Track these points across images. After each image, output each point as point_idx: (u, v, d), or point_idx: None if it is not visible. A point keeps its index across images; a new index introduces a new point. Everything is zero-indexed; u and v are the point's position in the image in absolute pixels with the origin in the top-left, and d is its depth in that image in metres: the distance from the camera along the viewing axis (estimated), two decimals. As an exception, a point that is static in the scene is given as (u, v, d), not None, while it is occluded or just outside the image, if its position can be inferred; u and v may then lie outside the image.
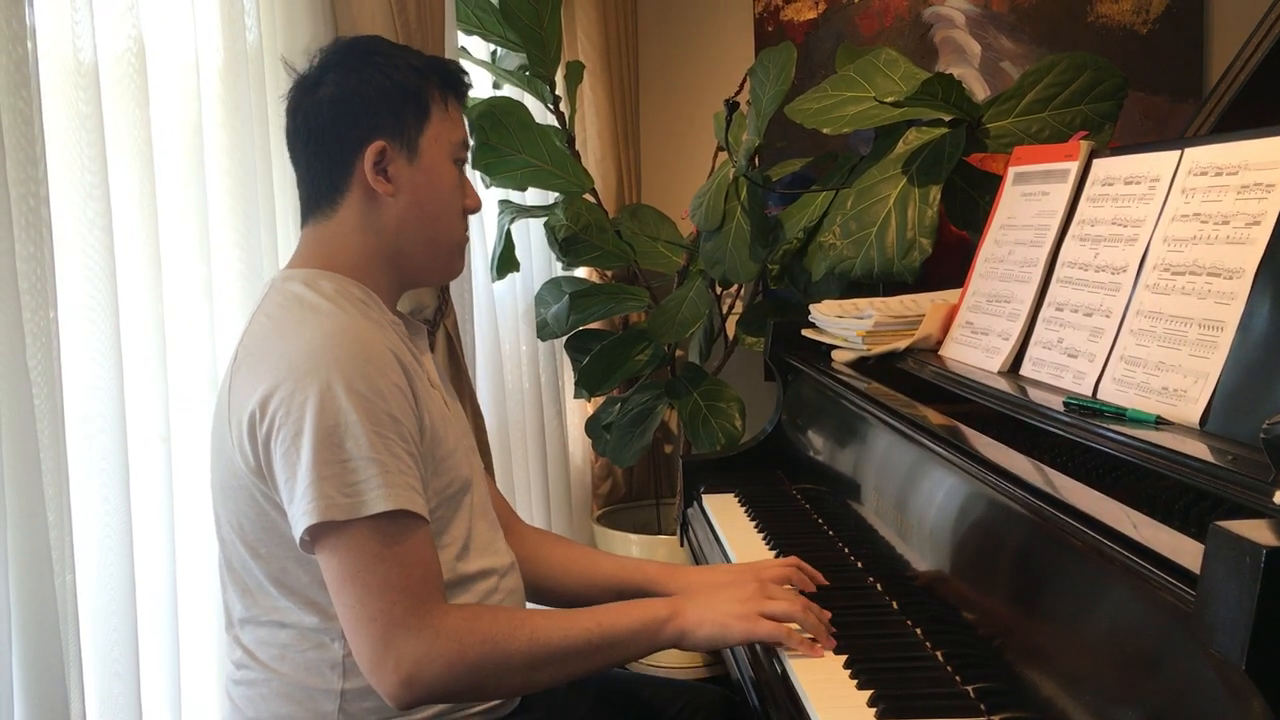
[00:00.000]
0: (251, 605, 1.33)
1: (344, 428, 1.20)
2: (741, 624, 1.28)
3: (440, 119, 1.39)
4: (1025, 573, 1.12)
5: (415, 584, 1.20)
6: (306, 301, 1.32)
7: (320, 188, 1.39)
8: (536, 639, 1.23)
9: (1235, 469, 0.95)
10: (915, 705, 1.13)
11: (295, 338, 1.28)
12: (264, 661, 1.32)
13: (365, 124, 1.35)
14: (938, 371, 1.59)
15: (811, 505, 1.89)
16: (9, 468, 1.50)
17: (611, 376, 2.82)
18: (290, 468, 1.21)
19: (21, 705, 1.52)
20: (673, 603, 1.31)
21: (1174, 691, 0.84)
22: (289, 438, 1.21)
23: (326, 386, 1.21)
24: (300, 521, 1.20)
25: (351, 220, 1.38)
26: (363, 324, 1.30)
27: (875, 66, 2.27)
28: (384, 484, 1.20)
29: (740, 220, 2.45)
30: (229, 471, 1.30)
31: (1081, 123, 2.10)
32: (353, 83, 1.36)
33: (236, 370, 1.32)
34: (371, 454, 1.20)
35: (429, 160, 1.38)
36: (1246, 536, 0.71)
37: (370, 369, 1.24)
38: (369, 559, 1.19)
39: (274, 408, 1.22)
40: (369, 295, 1.37)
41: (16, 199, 1.52)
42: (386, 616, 1.18)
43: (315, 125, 1.37)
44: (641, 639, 1.28)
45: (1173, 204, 1.29)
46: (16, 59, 1.52)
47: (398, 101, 1.36)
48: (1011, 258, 1.60)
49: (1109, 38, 2.89)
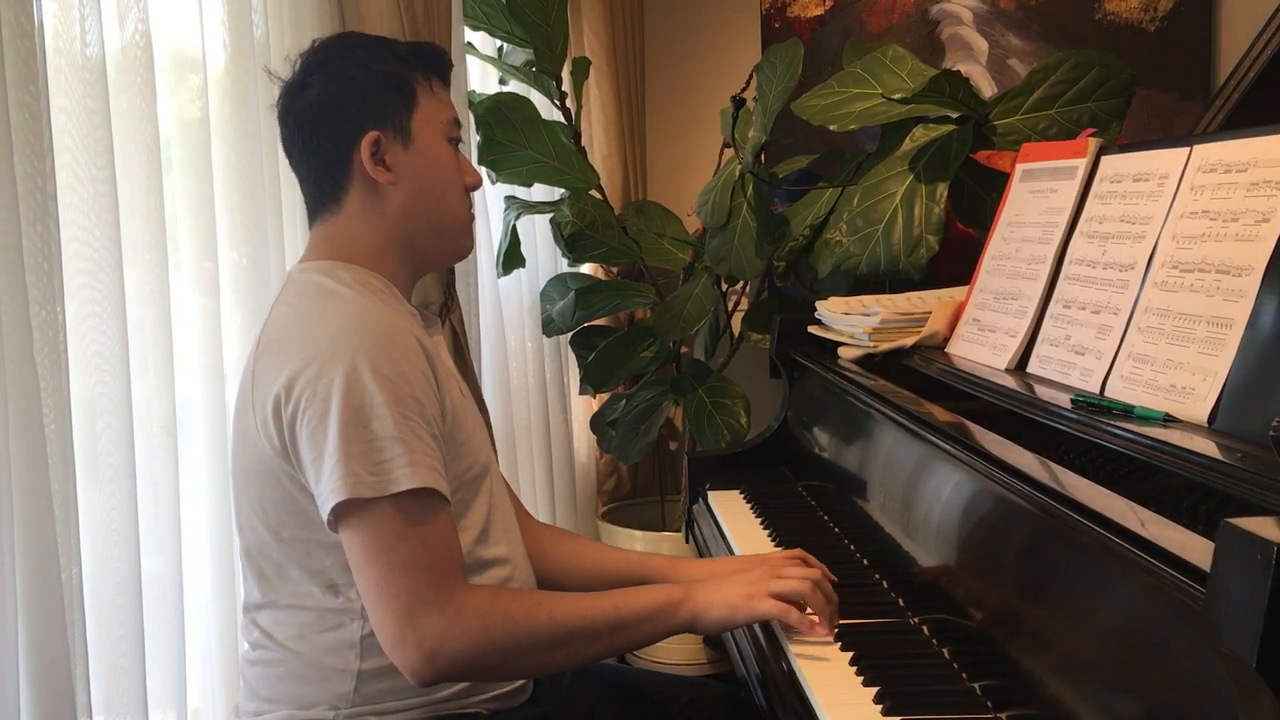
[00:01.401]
0: (269, 591, 1.34)
1: (369, 408, 1.21)
2: (747, 603, 1.30)
3: (428, 101, 1.40)
4: (1032, 570, 1.12)
5: (438, 561, 1.22)
6: (327, 289, 1.34)
7: (323, 186, 1.40)
8: (555, 619, 1.25)
9: (1244, 466, 0.95)
10: (922, 702, 1.13)
11: (319, 322, 1.30)
12: (281, 641, 1.33)
13: (356, 117, 1.37)
14: (944, 368, 1.59)
15: (817, 502, 1.89)
16: (16, 462, 1.50)
17: (616, 373, 2.81)
18: (317, 447, 1.22)
19: (28, 698, 1.52)
20: (685, 586, 1.33)
21: (1182, 689, 0.83)
22: (315, 418, 1.22)
23: (352, 367, 1.22)
24: (328, 499, 1.21)
25: (358, 213, 1.39)
26: (385, 309, 1.32)
27: (882, 63, 2.27)
28: (409, 462, 1.21)
29: (746, 217, 2.45)
30: (253, 457, 1.31)
31: (1089, 120, 2.09)
32: (337, 80, 1.37)
33: (259, 357, 1.33)
34: (397, 433, 1.21)
35: (423, 143, 1.39)
36: (1257, 533, 0.71)
37: (395, 352, 1.25)
38: (393, 536, 1.21)
39: (299, 389, 1.24)
40: (387, 286, 1.39)
41: (24, 194, 1.52)
42: (410, 594, 1.20)
43: (308, 127, 1.39)
44: (656, 621, 1.29)
45: (1181, 201, 1.29)
46: (24, 53, 1.52)
47: (384, 90, 1.38)
48: (1019, 255, 1.60)
49: (1117, 35, 2.89)
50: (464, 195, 1.45)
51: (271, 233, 2.05)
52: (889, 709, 1.12)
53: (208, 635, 1.95)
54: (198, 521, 1.93)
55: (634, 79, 3.29)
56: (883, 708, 1.13)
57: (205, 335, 1.95)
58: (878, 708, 1.13)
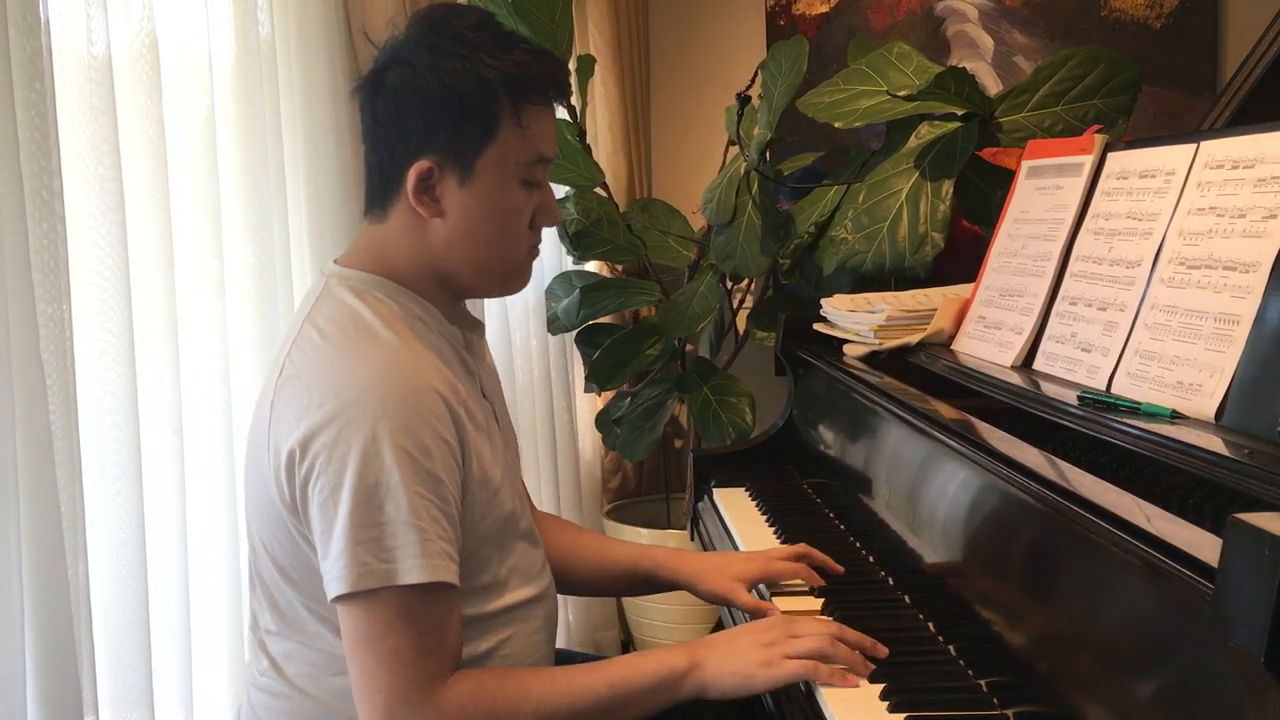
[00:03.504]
0: (280, 621, 1.28)
1: (385, 487, 1.15)
2: (766, 671, 1.20)
3: (509, 136, 1.26)
4: (1039, 567, 1.11)
5: (425, 657, 1.16)
6: (362, 322, 1.25)
7: (374, 188, 1.31)
8: (542, 708, 1.18)
9: (1251, 462, 0.95)
10: (928, 699, 1.13)
11: (347, 372, 1.20)
12: (290, 678, 1.28)
13: (416, 137, 1.25)
14: (950, 366, 1.59)
15: (823, 499, 1.89)
16: (22, 459, 1.50)
17: (622, 371, 2.81)
18: (326, 521, 1.16)
19: (34, 696, 1.52)
20: (691, 652, 1.23)
21: (1190, 685, 0.83)
22: (327, 489, 1.16)
23: (371, 439, 1.15)
24: (333, 586, 1.16)
25: (399, 232, 1.29)
26: (417, 363, 1.23)
27: (888, 60, 2.26)
28: (420, 553, 1.15)
29: (751, 214, 2.45)
30: (264, 496, 1.24)
31: (1095, 117, 2.09)
32: (411, 86, 1.24)
33: (281, 389, 1.23)
34: (412, 518, 1.15)
35: (485, 185, 1.26)
36: (1265, 529, 0.71)
37: (418, 421, 1.17)
38: (383, 627, 1.15)
39: (315, 450, 1.17)
40: (427, 310, 1.30)
41: (30, 192, 1.52)
42: (391, 690, 1.14)
43: (374, 119, 1.28)
44: (658, 696, 1.21)
45: (1188, 197, 1.29)
46: (30, 52, 1.52)
47: (457, 116, 1.24)
48: (1025, 252, 1.60)
49: (1123, 32, 2.88)
50: (522, 239, 1.32)
51: (278, 231, 2.05)
52: (895, 705, 1.12)
53: (215, 632, 1.96)
54: (205, 519, 1.93)
55: (639, 76, 3.29)
56: (889, 704, 1.12)
57: (212, 333, 1.95)
58: (884, 704, 1.13)
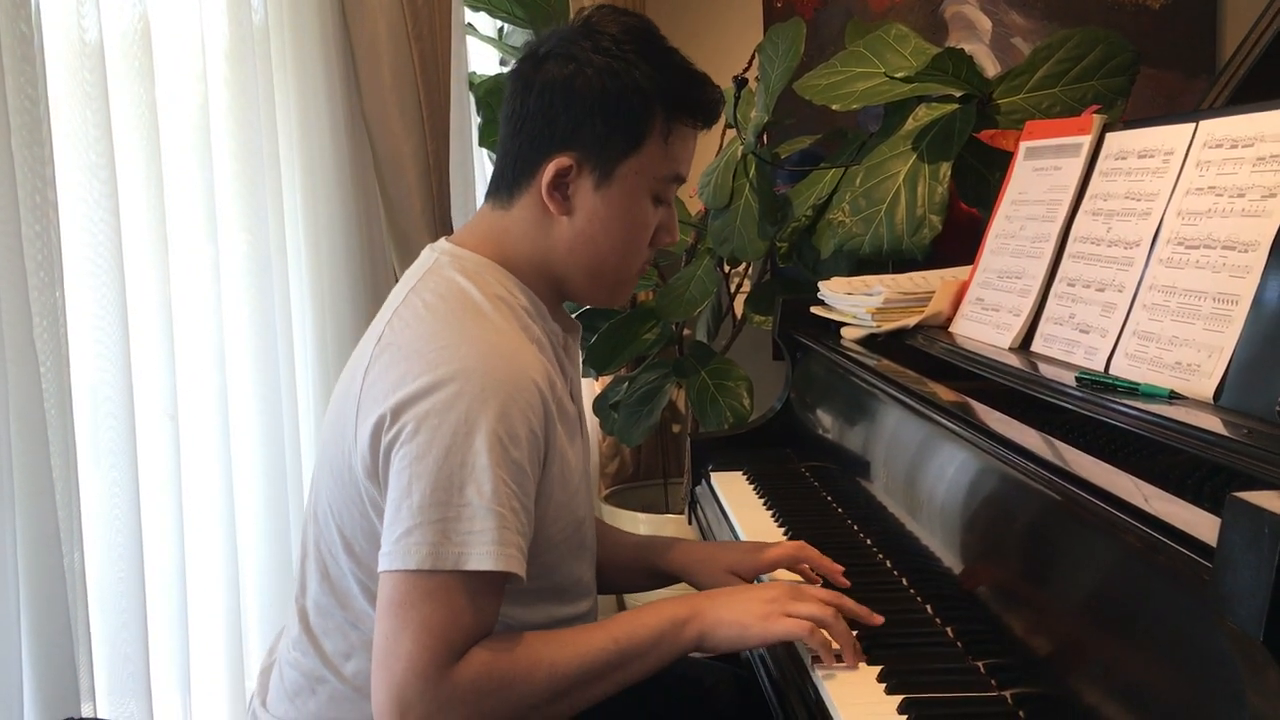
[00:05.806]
0: (329, 594, 1.27)
1: (470, 469, 1.13)
2: (761, 624, 1.20)
3: (654, 149, 1.26)
4: (1037, 548, 1.11)
5: (454, 634, 1.13)
6: (469, 300, 1.23)
7: (506, 173, 1.30)
8: (556, 671, 1.17)
9: (1250, 442, 0.94)
10: (926, 681, 1.13)
11: (450, 346, 1.18)
12: (328, 655, 1.27)
13: (562, 132, 1.24)
14: (948, 348, 1.58)
15: (821, 483, 1.88)
16: (17, 447, 1.50)
17: (619, 355, 2.81)
18: (401, 490, 1.14)
19: (30, 683, 1.52)
20: (691, 603, 1.23)
21: (1189, 665, 0.83)
22: (409, 456, 1.14)
23: (465, 418, 1.13)
24: (392, 560, 1.13)
25: (522, 223, 1.29)
26: (519, 350, 1.21)
27: (885, 42, 2.25)
28: (496, 540, 1.13)
29: (749, 198, 2.44)
30: (343, 463, 1.22)
31: (1094, 99, 2.08)
32: (567, 81, 1.24)
33: (379, 355, 1.21)
34: (494, 504, 1.13)
35: (619, 192, 1.26)
36: (1264, 507, 0.70)
37: (514, 409, 1.16)
38: (420, 594, 1.12)
39: (406, 419, 1.14)
40: (534, 304, 1.29)
41: (22, 178, 1.51)
42: (410, 660, 1.11)
43: (518, 109, 1.27)
44: (662, 646, 1.21)
45: (1187, 177, 1.28)
46: (22, 37, 1.51)
47: (610, 120, 1.24)
48: (1023, 233, 1.59)
49: (1121, 13, 2.87)
50: (641, 254, 1.32)
51: (272, 216, 2.05)
52: (893, 687, 1.12)
53: (211, 619, 1.96)
54: (201, 506, 1.93)
55: (635, 60, 3.27)
56: (886, 686, 1.12)
57: (207, 319, 1.94)
58: (881, 686, 1.13)
